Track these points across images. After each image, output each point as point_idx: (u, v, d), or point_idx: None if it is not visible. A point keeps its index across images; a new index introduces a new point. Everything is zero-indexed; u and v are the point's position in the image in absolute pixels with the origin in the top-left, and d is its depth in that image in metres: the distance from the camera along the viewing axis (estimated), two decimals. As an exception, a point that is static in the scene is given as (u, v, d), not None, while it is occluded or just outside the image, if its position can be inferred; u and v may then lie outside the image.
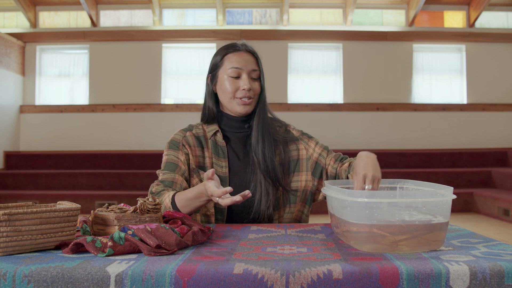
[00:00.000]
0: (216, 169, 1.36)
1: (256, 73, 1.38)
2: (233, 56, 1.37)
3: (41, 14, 6.78)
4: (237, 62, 1.35)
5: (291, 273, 0.74)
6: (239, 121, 1.41)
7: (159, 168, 1.40)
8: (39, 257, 0.82)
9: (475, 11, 6.65)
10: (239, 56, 1.37)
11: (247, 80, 1.34)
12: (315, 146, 1.43)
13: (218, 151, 1.38)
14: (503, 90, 6.69)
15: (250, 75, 1.36)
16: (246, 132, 1.41)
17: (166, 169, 1.35)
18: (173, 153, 1.38)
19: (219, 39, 6.57)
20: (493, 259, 0.80)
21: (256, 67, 1.38)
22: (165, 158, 1.38)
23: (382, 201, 0.90)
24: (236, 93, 1.35)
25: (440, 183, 1.06)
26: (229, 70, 1.35)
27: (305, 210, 1.42)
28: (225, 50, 1.39)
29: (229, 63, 1.36)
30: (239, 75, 1.35)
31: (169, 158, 1.37)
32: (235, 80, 1.35)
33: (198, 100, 6.64)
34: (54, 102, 6.66)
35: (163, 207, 1.23)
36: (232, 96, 1.35)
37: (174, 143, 1.39)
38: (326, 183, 1.05)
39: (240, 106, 1.36)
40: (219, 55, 1.40)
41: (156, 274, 0.74)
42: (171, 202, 1.21)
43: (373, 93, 6.62)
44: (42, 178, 5.81)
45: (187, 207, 1.19)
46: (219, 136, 1.40)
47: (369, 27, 6.73)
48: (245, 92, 1.34)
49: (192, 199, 1.18)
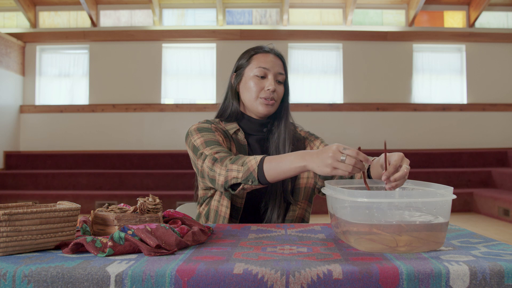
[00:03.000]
0: None
1: (282, 77, 1.38)
2: (261, 57, 1.38)
3: (41, 14, 6.78)
4: (265, 62, 1.36)
5: (291, 273, 0.74)
6: (258, 124, 1.40)
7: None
8: (39, 257, 0.82)
9: (475, 11, 6.65)
10: (267, 57, 1.37)
11: (272, 81, 1.34)
12: (320, 144, 1.44)
13: (240, 149, 1.38)
14: (503, 90, 6.69)
15: (276, 77, 1.36)
16: (263, 136, 1.41)
17: (211, 145, 1.24)
18: (208, 134, 1.29)
19: (219, 39, 6.57)
20: (493, 259, 0.80)
21: (283, 71, 1.38)
22: (202, 140, 1.27)
23: (382, 201, 0.90)
24: (260, 93, 1.35)
25: (440, 183, 1.06)
26: (256, 70, 1.36)
27: (308, 208, 1.43)
28: (253, 50, 1.40)
29: (257, 62, 1.37)
30: (265, 76, 1.36)
31: (207, 138, 1.27)
32: (261, 80, 1.35)
33: (198, 100, 6.64)
34: (54, 102, 6.66)
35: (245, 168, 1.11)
36: (256, 96, 1.35)
37: (203, 128, 1.32)
38: (326, 183, 1.05)
39: (263, 106, 1.35)
40: (247, 54, 1.41)
41: (156, 274, 0.74)
42: (258, 165, 1.10)
43: (373, 93, 6.62)
44: (42, 178, 5.81)
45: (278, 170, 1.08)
46: (240, 134, 1.39)
47: (369, 27, 6.73)
48: (269, 93, 1.34)
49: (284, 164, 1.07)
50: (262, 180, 1.10)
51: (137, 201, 1.01)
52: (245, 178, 1.11)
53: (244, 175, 1.11)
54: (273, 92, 1.34)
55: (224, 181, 1.15)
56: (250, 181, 1.11)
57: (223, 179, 1.15)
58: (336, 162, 0.98)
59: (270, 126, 1.41)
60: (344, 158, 0.97)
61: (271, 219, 1.35)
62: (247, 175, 1.11)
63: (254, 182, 1.10)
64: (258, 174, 1.10)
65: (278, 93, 1.36)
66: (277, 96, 1.36)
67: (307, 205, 1.42)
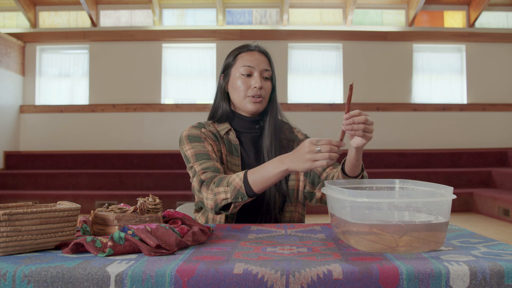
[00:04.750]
0: (230, 167, 1.37)
1: (268, 73, 1.39)
2: (246, 55, 1.39)
3: (41, 14, 6.78)
4: (250, 61, 1.37)
5: (291, 273, 0.74)
6: (250, 121, 1.42)
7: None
8: (39, 257, 0.82)
9: (475, 11, 6.65)
10: (252, 55, 1.39)
11: (258, 79, 1.36)
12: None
13: (232, 149, 1.39)
14: (503, 90, 6.69)
15: (262, 74, 1.38)
16: (256, 133, 1.43)
17: (200, 159, 1.27)
18: (198, 145, 1.32)
19: (219, 39, 6.57)
20: (493, 259, 0.80)
21: (268, 67, 1.40)
22: (192, 151, 1.30)
23: (382, 201, 0.90)
24: (248, 91, 1.36)
25: (440, 183, 1.06)
26: (242, 69, 1.37)
27: (302, 211, 1.44)
28: (238, 50, 1.42)
29: (242, 61, 1.38)
30: (251, 74, 1.37)
31: (197, 150, 1.30)
32: (247, 79, 1.37)
33: (198, 100, 6.64)
34: (54, 102, 6.66)
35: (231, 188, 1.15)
36: (244, 95, 1.37)
37: (193, 137, 1.34)
38: (326, 183, 1.05)
39: (251, 104, 1.37)
40: (232, 54, 1.42)
41: (156, 274, 0.74)
42: (243, 181, 1.14)
43: (373, 93, 6.62)
44: (42, 178, 5.81)
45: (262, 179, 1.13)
46: (232, 134, 1.40)
47: (369, 27, 6.73)
48: (256, 90, 1.35)
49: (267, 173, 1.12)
50: (250, 193, 1.15)
51: (137, 201, 1.01)
52: (234, 196, 1.15)
53: (233, 194, 1.15)
54: (260, 89, 1.36)
55: (213, 205, 1.18)
56: (239, 198, 1.15)
57: (212, 203, 1.19)
58: (313, 155, 1.04)
59: (262, 123, 1.42)
60: (320, 149, 1.04)
61: (266, 217, 1.35)
62: (236, 193, 1.15)
63: (244, 198, 1.15)
64: (246, 189, 1.14)
65: (266, 89, 1.38)
66: (265, 92, 1.38)
67: (301, 209, 1.43)
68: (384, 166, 6.20)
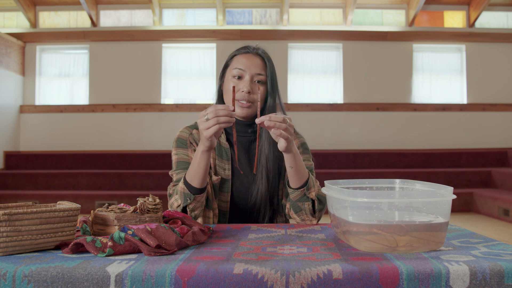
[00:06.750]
0: (219, 171, 1.35)
1: (261, 77, 1.33)
2: (241, 58, 1.35)
3: (41, 14, 6.78)
4: (242, 63, 1.33)
5: (291, 273, 0.74)
6: (243, 125, 1.37)
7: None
8: (39, 257, 0.82)
9: (475, 11, 6.65)
10: (247, 58, 1.34)
11: (247, 83, 1.31)
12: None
13: (222, 153, 1.36)
14: (503, 90, 6.69)
15: (253, 78, 1.32)
16: (249, 137, 1.39)
17: (178, 169, 1.33)
18: (182, 151, 1.35)
19: (219, 39, 6.57)
20: (493, 259, 0.80)
21: (262, 72, 1.33)
22: (175, 158, 1.35)
23: (382, 201, 0.90)
24: (236, 94, 1.31)
25: (440, 183, 1.06)
26: (234, 71, 1.33)
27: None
28: (235, 51, 1.39)
29: (235, 63, 1.35)
30: (242, 77, 1.32)
31: (180, 157, 1.34)
32: (237, 81, 1.32)
33: (198, 100, 6.63)
34: (54, 102, 6.66)
35: (179, 194, 1.23)
36: (233, 97, 1.35)
37: (181, 141, 1.37)
38: (326, 183, 1.05)
39: (239, 109, 1.32)
40: (230, 55, 1.40)
41: (156, 274, 0.74)
42: (183, 182, 1.21)
43: (373, 93, 6.62)
44: (42, 178, 5.81)
45: (194, 172, 1.19)
46: (223, 137, 1.37)
47: (369, 27, 6.73)
48: (243, 95, 1.30)
49: (194, 162, 1.19)
50: (193, 191, 1.20)
51: (137, 201, 1.01)
52: (184, 200, 1.21)
53: (181, 199, 1.22)
54: (248, 93, 1.30)
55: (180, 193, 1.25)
56: (188, 200, 1.21)
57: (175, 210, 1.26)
58: (204, 123, 1.09)
59: (255, 127, 1.38)
60: (207, 117, 1.09)
61: (258, 218, 1.35)
62: (183, 197, 1.21)
63: (191, 198, 1.21)
64: (189, 189, 1.20)
65: (257, 94, 1.31)
66: (255, 97, 1.32)
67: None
68: (384, 166, 6.20)
